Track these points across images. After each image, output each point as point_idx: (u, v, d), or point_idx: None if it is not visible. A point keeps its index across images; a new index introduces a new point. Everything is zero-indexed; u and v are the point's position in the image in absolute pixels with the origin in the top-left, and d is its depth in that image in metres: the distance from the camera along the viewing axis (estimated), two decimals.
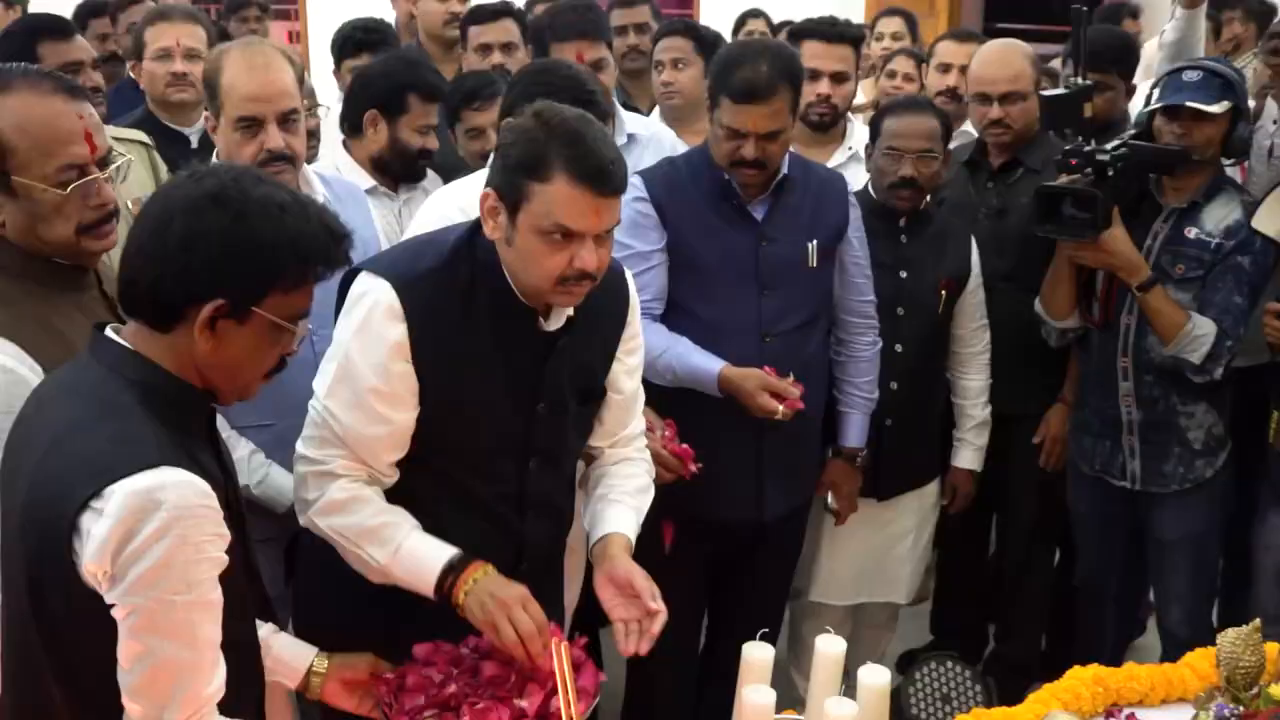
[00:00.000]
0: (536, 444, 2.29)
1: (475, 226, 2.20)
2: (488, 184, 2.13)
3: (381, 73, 3.47)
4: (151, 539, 1.59)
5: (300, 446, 2.22)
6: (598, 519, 2.36)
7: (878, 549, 3.46)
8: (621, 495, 2.39)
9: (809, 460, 3.21)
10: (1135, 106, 3.82)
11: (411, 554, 2.14)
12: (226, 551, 1.70)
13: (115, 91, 4.31)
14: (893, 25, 5.48)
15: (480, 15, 4.15)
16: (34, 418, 1.78)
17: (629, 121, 3.62)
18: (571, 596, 2.93)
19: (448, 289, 2.16)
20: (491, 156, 2.18)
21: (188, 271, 1.68)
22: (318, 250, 1.76)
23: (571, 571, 2.90)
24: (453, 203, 2.76)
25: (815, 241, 3.00)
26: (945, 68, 4.27)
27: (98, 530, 1.60)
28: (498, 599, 2.08)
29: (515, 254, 2.11)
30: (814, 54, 3.66)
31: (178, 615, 1.63)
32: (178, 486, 1.62)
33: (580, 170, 2.03)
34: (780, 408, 2.80)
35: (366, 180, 3.36)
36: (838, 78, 3.75)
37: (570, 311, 2.23)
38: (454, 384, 2.17)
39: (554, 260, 2.06)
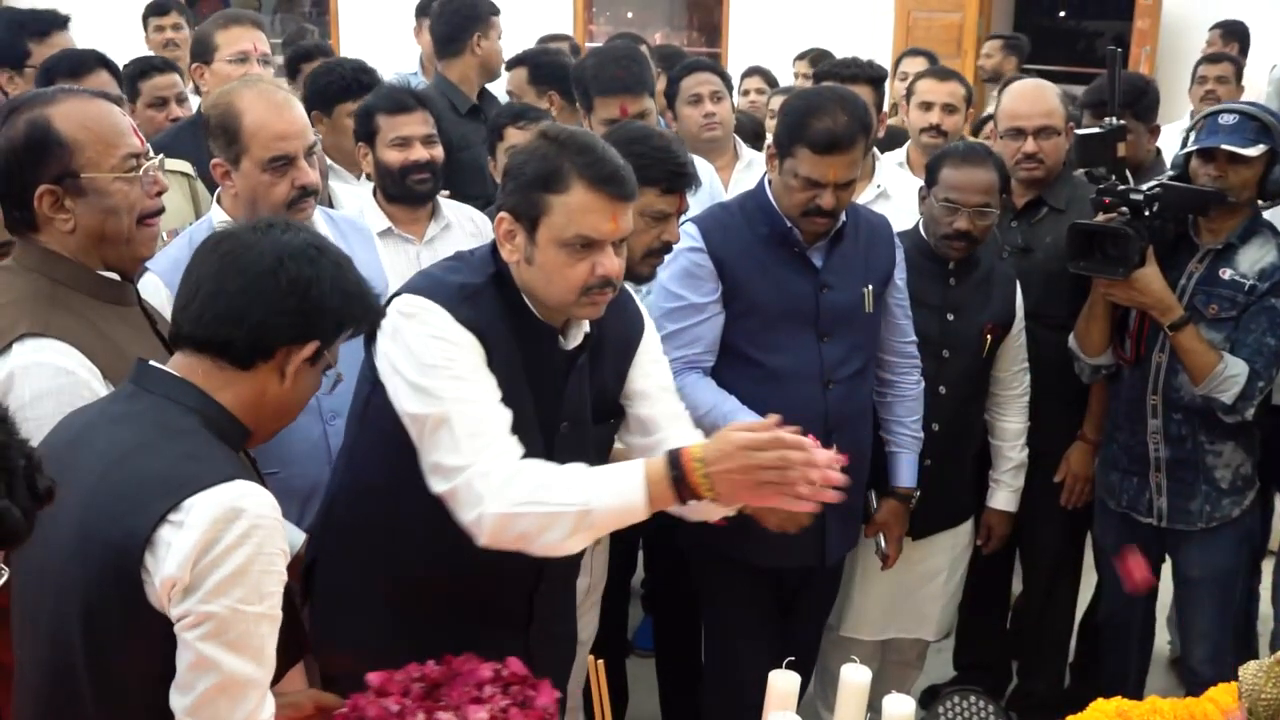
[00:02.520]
0: (560, 462, 2.27)
1: (493, 247, 2.24)
2: (500, 208, 2.17)
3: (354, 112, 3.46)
4: (232, 546, 1.62)
5: (438, 467, 2.10)
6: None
7: (908, 586, 3.45)
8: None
9: (860, 503, 3.18)
10: (1167, 147, 3.84)
11: (606, 511, 2.04)
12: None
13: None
14: (915, 65, 5.52)
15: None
16: (71, 451, 1.75)
17: None
18: (590, 629, 2.95)
19: (488, 308, 2.18)
20: (501, 182, 2.22)
21: (296, 314, 1.76)
22: (371, 305, 1.89)
23: (587, 604, 2.92)
24: None
25: (870, 286, 3.00)
26: (927, 105, 4.27)
27: (180, 541, 1.61)
28: (736, 461, 1.98)
29: (537, 271, 2.14)
30: None
31: (248, 626, 1.65)
32: (255, 497, 1.67)
33: (596, 176, 2.08)
34: None
35: (383, 223, 3.31)
36: None
37: (586, 328, 2.27)
38: None
39: (577, 271, 2.11)
